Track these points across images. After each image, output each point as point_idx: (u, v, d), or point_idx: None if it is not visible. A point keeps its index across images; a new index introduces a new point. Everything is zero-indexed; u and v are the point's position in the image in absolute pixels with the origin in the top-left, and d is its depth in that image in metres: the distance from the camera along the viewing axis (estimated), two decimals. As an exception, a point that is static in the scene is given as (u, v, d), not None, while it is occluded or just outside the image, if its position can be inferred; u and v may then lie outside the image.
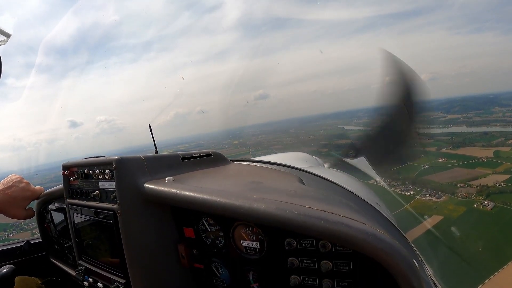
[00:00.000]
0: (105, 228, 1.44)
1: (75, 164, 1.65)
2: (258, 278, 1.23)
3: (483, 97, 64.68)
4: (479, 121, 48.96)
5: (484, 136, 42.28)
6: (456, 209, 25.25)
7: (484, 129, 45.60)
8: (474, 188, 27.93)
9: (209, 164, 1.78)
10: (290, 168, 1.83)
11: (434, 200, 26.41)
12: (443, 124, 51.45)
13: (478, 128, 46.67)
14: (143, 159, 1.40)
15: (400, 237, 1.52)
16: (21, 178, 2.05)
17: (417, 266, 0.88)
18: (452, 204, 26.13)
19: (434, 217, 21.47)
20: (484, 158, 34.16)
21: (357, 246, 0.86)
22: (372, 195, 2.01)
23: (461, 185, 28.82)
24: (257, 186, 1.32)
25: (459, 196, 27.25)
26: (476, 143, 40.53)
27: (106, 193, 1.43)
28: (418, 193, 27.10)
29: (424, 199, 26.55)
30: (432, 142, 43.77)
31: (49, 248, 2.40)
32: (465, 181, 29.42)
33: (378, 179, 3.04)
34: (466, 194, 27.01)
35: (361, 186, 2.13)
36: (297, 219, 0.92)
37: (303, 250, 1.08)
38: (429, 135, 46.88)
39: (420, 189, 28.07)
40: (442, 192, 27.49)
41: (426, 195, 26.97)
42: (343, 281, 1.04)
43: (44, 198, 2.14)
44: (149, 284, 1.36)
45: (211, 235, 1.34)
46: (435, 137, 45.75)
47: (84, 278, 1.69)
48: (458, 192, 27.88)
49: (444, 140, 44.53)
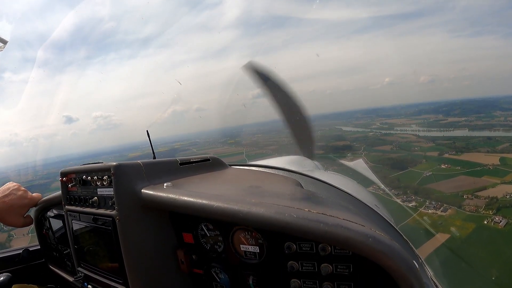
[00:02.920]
0: (103, 234, 1.43)
1: (73, 171, 1.64)
2: (258, 283, 1.23)
3: (483, 101, 64.59)
4: (481, 125, 47.97)
5: (488, 141, 40.78)
6: (464, 225, 22.97)
7: (487, 134, 44.12)
8: (482, 200, 25.63)
9: (207, 169, 1.77)
10: (288, 172, 1.83)
11: (439, 213, 24.18)
12: (444, 127, 50.75)
13: (480, 132, 45.02)
14: (141, 165, 1.40)
15: (399, 238, 1.52)
16: (18, 186, 2.04)
17: (417, 267, 0.88)
18: (459, 219, 23.83)
19: (441, 235, 19.22)
20: (490, 165, 32.26)
21: (357, 248, 0.86)
22: (371, 197, 2.01)
23: (467, 196, 26.53)
24: (256, 190, 1.32)
25: (467, 209, 24.94)
26: (480, 148, 38.76)
27: (104, 199, 1.43)
28: (421, 205, 25.02)
29: (427, 212, 24.35)
30: (433, 146, 42.48)
31: (47, 255, 2.39)
32: (471, 192, 27.31)
33: (377, 181, 3.05)
34: (474, 207, 24.78)
35: (359, 188, 2.13)
36: (296, 223, 0.92)
37: (303, 254, 1.08)
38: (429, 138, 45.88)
39: (423, 200, 25.86)
40: (447, 204, 25.25)
41: (430, 207, 24.76)
42: (343, 284, 1.04)
43: (42, 205, 2.13)
44: None
45: (210, 240, 1.34)
46: (436, 140, 44.65)
47: (83, 285, 1.68)
48: (465, 204, 25.53)
49: (446, 144, 43.08)
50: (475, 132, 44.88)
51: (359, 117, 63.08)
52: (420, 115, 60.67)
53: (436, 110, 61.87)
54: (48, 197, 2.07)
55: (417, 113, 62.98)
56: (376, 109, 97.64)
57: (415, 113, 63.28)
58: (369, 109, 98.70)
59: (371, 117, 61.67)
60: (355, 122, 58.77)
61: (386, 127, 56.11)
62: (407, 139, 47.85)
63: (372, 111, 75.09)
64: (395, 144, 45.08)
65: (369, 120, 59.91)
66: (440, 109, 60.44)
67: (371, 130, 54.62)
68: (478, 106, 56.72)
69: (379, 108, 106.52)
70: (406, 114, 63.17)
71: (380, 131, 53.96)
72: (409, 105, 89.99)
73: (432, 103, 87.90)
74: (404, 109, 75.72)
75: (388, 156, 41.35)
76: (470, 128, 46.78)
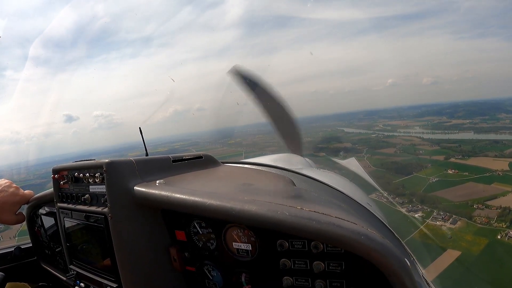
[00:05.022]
0: (96, 232, 1.42)
1: (65, 168, 1.63)
2: (251, 280, 1.23)
3: (487, 103, 64.20)
4: (486, 127, 46.19)
5: (495, 145, 39.65)
6: (475, 240, 21.20)
7: (493, 137, 43.07)
8: (494, 211, 24.02)
9: (200, 166, 1.77)
10: (281, 170, 1.83)
11: (448, 225, 22.51)
12: (448, 130, 49.99)
13: (486, 135, 43.96)
14: (134, 162, 1.39)
15: (391, 236, 1.52)
16: (10, 183, 2.02)
17: (409, 265, 0.88)
18: (470, 233, 22.11)
19: (450, 252, 17.75)
20: (500, 171, 30.75)
21: (349, 246, 0.86)
22: (363, 195, 2.02)
23: (478, 206, 24.91)
24: (248, 188, 1.32)
25: (477, 221, 23.30)
26: (487, 152, 37.41)
27: (96, 196, 1.42)
28: (428, 215, 23.54)
29: (435, 224, 22.80)
30: (438, 149, 40.88)
31: (39, 253, 2.37)
32: (482, 201, 25.72)
33: (370, 179, 3.05)
34: (486, 219, 23.26)
35: (352, 186, 2.13)
36: (289, 220, 0.92)
37: (295, 251, 1.08)
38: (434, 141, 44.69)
39: (430, 209, 24.26)
40: (456, 215, 23.55)
41: (438, 218, 23.16)
42: (335, 281, 1.04)
43: (34, 203, 2.11)
44: (141, 287, 1.35)
45: (202, 238, 1.34)
46: (441, 143, 43.51)
47: (75, 283, 1.67)
48: (475, 215, 23.89)
49: (451, 147, 41.18)
50: (481, 135, 44.23)
51: (361, 118, 62.81)
52: (423, 117, 60.42)
53: (439, 112, 61.33)
54: (40, 194, 2.06)
55: (420, 115, 63.00)
56: (379, 110, 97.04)
57: (418, 115, 63.17)
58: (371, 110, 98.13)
59: (373, 119, 61.31)
60: (357, 124, 58.43)
61: (389, 129, 55.87)
62: (411, 142, 47.20)
63: (375, 113, 74.77)
64: (399, 147, 44.39)
65: (372, 121, 59.53)
66: (444, 111, 60.03)
67: (374, 132, 54.21)
68: (482, 108, 56.14)
69: (381, 109, 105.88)
70: (409, 115, 62.90)
71: (383, 133, 53.69)
72: (412, 107, 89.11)
73: (435, 105, 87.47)
74: (407, 111, 74.98)
75: (391, 160, 40.54)
76: (475, 130, 46.32)
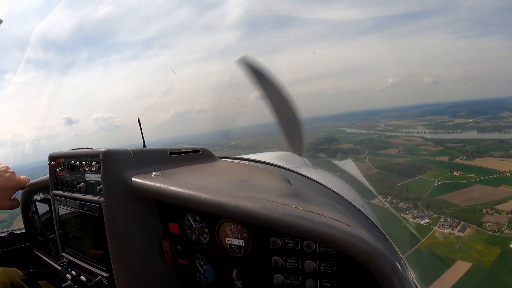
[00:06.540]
0: (89, 220, 1.42)
1: (61, 155, 1.62)
2: (242, 276, 1.24)
3: (489, 102, 63.32)
4: (490, 126, 44.84)
5: (500, 145, 38.28)
6: (487, 250, 19.65)
7: (497, 136, 41.73)
8: (504, 216, 22.60)
9: (196, 160, 1.77)
10: (277, 167, 1.83)
11: (456, 233, 21.07)
12: (451, 129, 48.86)
13: (490, 135, 42.75)
14: (131, 153, 1.39)
15: (384, 239, 1.53)
16: (6, 168, 2.01)
17: (400, 269, 0.88)
18: (480, 242, 20.63)
19: (460, 264, 16.63)
20: (507, 172, 29.39)
21: (341, 247, 0.87)
22: (358, 197, 2.02)
23: (487, 211, 23.56)
24: (244, 184, 1.32)
25: (488, 227, 21.91)
26: (492, 152, 36.05)
27: (92, 185, 1.42)
28: (435, 222, 22.09)
29: (443, 232, 21.32)
30: (442, 149, 39.89)
31: (32, 239, 2.37)
32: (490, 205, 24.30)
33: (365, 181, 3.06)
34: (496, 225, 21.85)
35: (347, 187, 2.14)
36: (282, 219, 0.92)
37: (287, 250, 1.09)
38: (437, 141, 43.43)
39: (436, 215, 22.77)
40: (465, 221, 22.06)
41: (446, 225, 21.74)
42: (326, 281, 1.05)
43: (29, 189, 2.11)
44: (132, 278, 1.35)
45: (196, 232, 1.34)
46: (444, 143, 42.31)
47: (67, 271, 1.66)
48: (485, 221, 22.47)
49: (455, 147, 39.49)
50: (485, 134, 43.27)
51: (362, 118, 62.09)
52: (425, 116, 59.79)
53: (441, 111, 60.43)
54: (35, 180, 2.05)
55: (422, 115, 62.46)
56: (380, 110, 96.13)
57: (420, 115, 62.59)
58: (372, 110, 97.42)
59: (375, 119, 60.59)
60: (359, 124, 57.79)
61: (390, 128, 55.25)
62: (414, 142, 46.18)
63: (376, 113, 73.99)
64: (401, 148, 43.38)
65: (373, 121, 58.86)
66: (446, 110, 59.19)
67: (375, 132, 53.58)
68: (484, 107, 55.03)
69: (383, 109, 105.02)
70: (411, 115, 62.12)
71: (385, 133, 53.03)
72: (413, 106, 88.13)
73: (437, 104, 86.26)
74: (409, 111, 74.66)
75: (394, 161, 39.52)
76: (478, 130, 45.44)
